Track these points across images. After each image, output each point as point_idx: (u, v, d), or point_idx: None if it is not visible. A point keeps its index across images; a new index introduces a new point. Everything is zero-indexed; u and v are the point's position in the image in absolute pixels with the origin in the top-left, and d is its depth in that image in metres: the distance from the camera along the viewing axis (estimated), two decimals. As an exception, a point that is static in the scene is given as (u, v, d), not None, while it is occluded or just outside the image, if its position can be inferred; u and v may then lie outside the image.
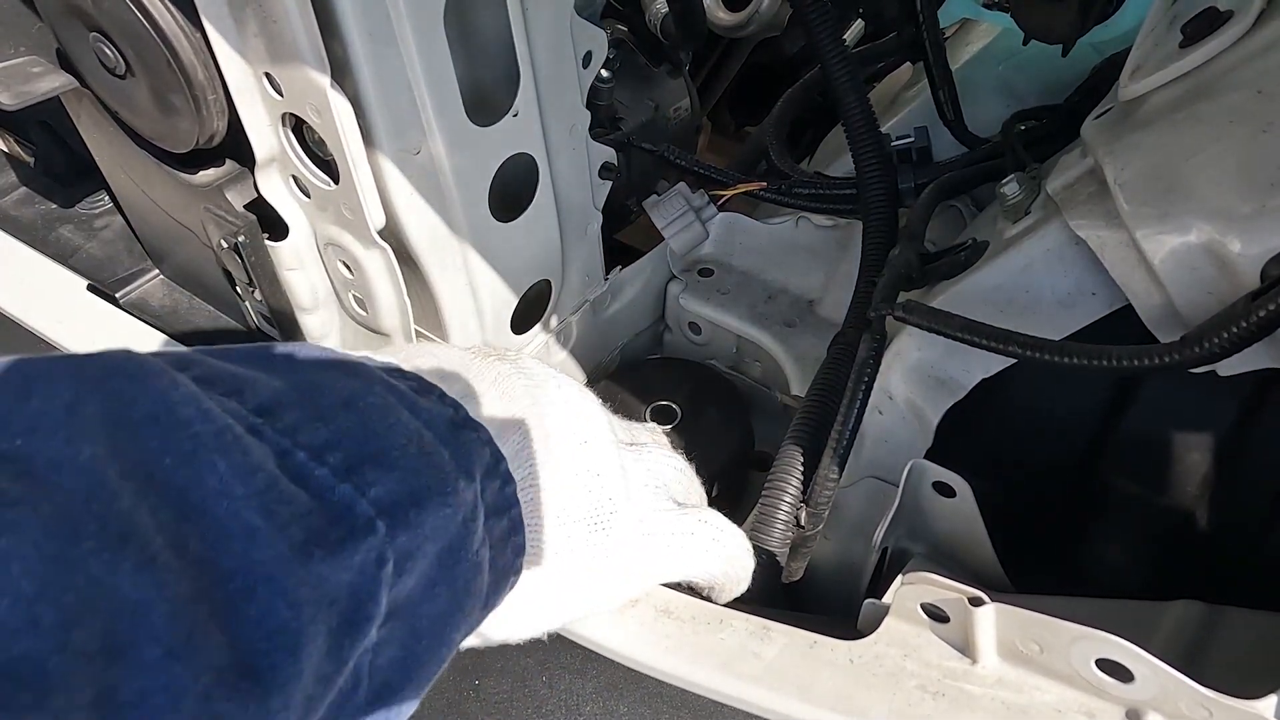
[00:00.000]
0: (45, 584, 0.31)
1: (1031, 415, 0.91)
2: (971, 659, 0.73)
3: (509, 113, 0.91)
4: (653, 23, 1.28)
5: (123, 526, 0.35)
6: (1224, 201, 0.64)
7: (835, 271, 1.21)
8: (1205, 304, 0.67)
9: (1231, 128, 0.66)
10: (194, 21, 0.77)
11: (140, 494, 0.36)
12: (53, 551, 0.32)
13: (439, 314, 1.01)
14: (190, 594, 0.35)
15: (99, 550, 0.33)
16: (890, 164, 1.02)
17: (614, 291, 1.25)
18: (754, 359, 1.25)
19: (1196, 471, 0.84)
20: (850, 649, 0.75)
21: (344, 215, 0.87)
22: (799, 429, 0.88)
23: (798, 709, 0.73)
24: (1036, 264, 0.78)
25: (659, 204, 1.25)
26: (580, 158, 1.06)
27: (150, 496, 0.37)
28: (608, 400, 0.72)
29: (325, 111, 0.76)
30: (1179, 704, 0.64)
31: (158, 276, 1.17)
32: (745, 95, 1.88)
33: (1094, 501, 0.90)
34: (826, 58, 0.97)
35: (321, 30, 0.73)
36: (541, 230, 1.06)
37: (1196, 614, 0.77)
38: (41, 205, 1.29)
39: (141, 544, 0.35)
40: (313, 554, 0.40)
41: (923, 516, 0.90)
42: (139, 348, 0.42)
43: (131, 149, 0.97)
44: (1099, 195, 0.74)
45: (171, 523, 0.37)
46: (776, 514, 0.84)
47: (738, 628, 0.79)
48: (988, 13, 1.09)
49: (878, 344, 0.84)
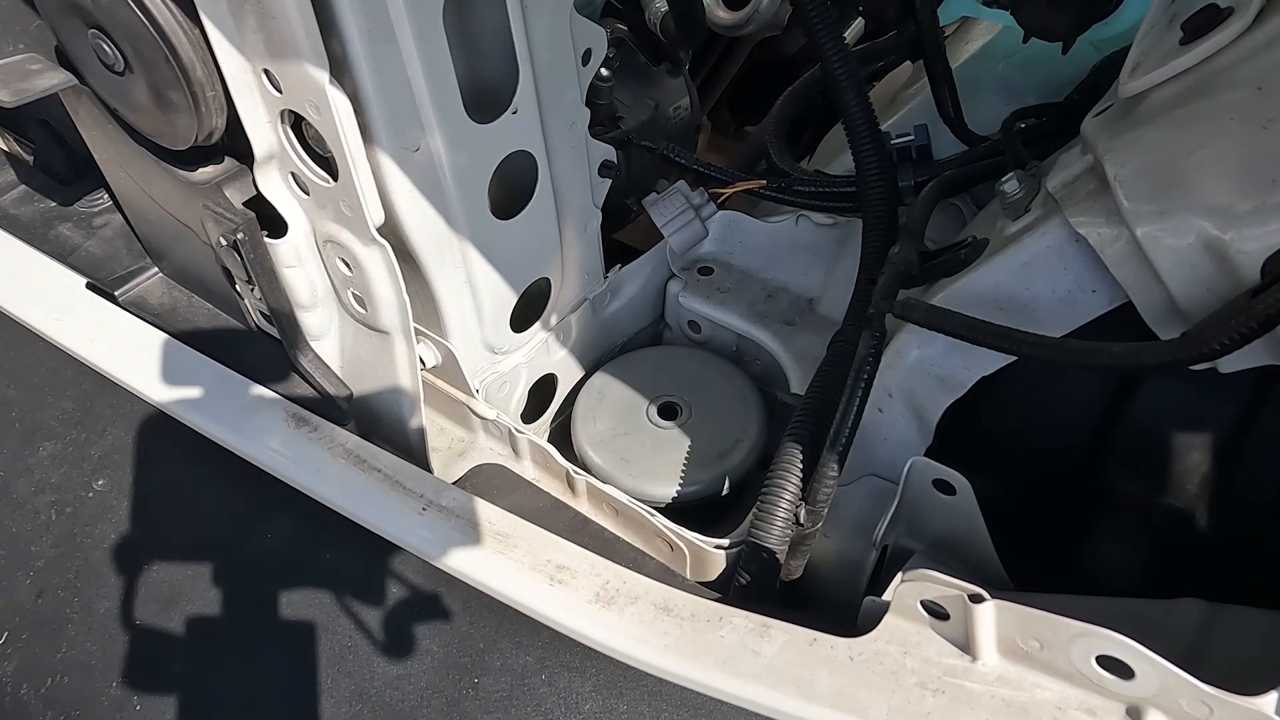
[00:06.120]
0: None
1: (1031, 413, 0.91)
2: (972, 656, 0.73)
3: (508, 110, 0.91)
4: (653, 21, 1.28)
5: None
6: (1224, 198, 0.64)
7: (835, 270, 1.21)
8: (1205, 301, 0.67)
9: (1231, 124, 0.66)
10: (193, 18, 0.77)
11: None
12: None
13: (438, 311, 1.01)
14: None
15: None
16: (890, 162, 1.02)
17: (614, 290, 1.25)
18: (754, 357, 1.25)
19: (1196, 470, 0.84)
20: (850, 646, 0.75)
21: (343, 212, 0.87)
22: (798, 427, 0.88)
23: (798, 706, 0.73)
24: (1036, 261, 0.78)
25: (659, 202, 1.25)
26: (580, 156, 1.06)
27: None
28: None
29: (324, 108, 0.76)
30: (1180, 701, 0.64)
31: (157, 274, 1.17)
32: (745, 94, 1.88)
33: (1094, 499, 0.90)
34: (826, 56, 0.97)
35: (320, 27, 0.73)
36: (541, 228, 1.06)
37: (1197, 612, 0.77)
38: (41, 203, 1.29)
39: None
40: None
41: (923, 514, 0.90)
42: (138, 345, 0.42)
43: (130, 146, 0.97)
44: (1099, 192, 0.73)
45: None
46: (776, 512, 0.84)
47: (737, 625, 0.79)
48: (988, 10, 1.09)
49: (877, 342, 0.84)
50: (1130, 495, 0.88)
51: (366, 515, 0.90)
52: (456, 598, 0.87)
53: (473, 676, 0.83)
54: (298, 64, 0.75)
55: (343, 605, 0.89)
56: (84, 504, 1.01)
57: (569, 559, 0.86)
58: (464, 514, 0.90)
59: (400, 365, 1.00)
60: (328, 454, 0.95)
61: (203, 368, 1.03)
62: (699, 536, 0.92)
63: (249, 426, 0.98)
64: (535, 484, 1.02)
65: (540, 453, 1.04)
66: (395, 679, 0.85)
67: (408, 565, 0.89)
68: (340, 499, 0.92)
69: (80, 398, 1.07)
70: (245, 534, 0.96)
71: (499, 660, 0.83)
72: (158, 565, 0.95)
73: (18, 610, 0.96)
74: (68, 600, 0.96)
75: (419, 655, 0.86)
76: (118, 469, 1.02)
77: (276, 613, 0.90)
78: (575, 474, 1.00)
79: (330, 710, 0.84)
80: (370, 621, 0.88)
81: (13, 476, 1.04)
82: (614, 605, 0.82)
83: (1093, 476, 0.89)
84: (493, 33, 0.88)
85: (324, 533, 0.92)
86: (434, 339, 1.05)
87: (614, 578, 0.85)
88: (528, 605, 0.83)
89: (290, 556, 0.93)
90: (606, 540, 0.94)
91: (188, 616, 0.92)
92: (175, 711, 0.88)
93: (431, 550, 0.87)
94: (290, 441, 0.97)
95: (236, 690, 0.88)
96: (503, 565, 0.86)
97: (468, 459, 1.10)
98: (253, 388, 1.01)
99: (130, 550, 0.97)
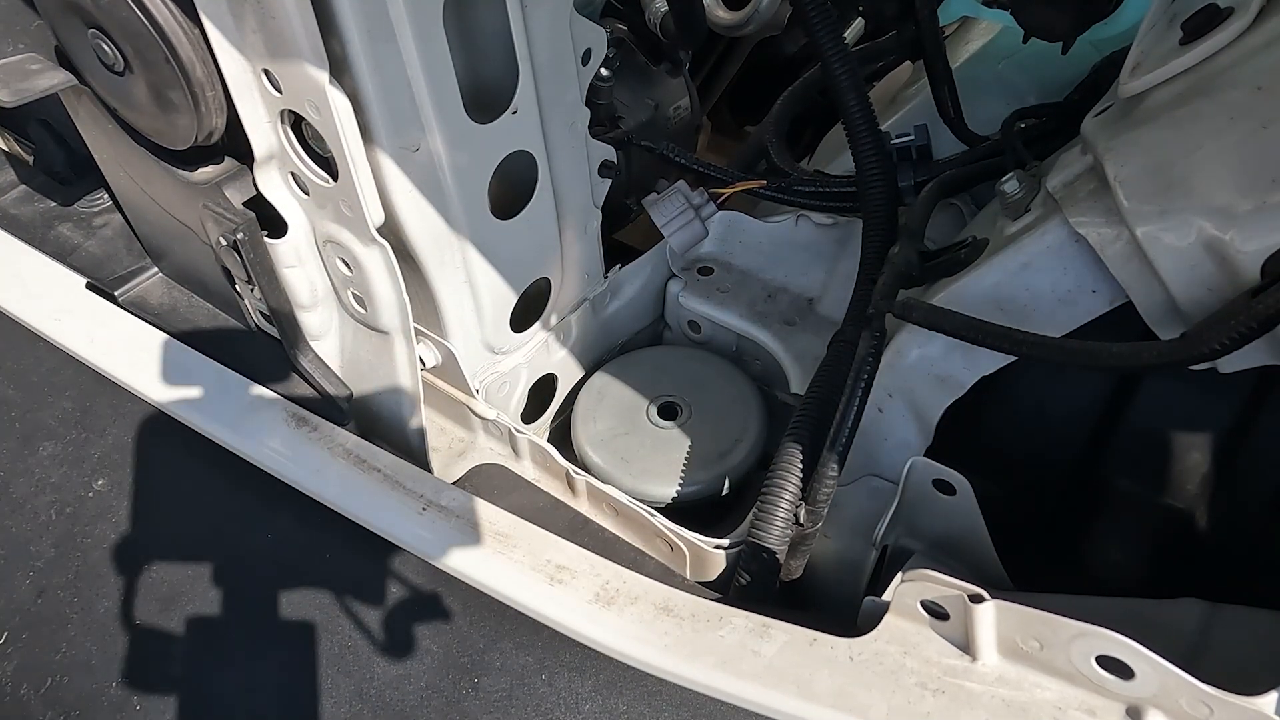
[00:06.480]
0: None
1: (1031, 413, 0.91)
2: (972, 656, 0.73)
3: (508, 110, 0.91)
4: (653, 21, 1.28)
5: None
6: (1224, 198, 0.64)
7: (835, 270, 1.21)
8: (1205, 301, 0.67)
9: (1231, 124, 0.66)
10: (193, 18, 0.77)
11: None
12: None
13: (438, 311, 1.01)
14: None
15: None
16: (890, 162, 1.02)
17: (613, 290, 1.25)
18: (754, 357, 1.25)
19: (1196, 470, 0.84)
20: (850, 646, 0.75)
21: (343, 212, 0.87)
22: (798, 427, 0.88)
23: (797, 706, 0.73)
24: (1036, 261, 0.78)
25: (659, 202, 1.25)
26: (580, 155, 1.06)
27: None
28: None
29: (324, 108, 0.76)
30: (1180, 701, 0.64)
31: (157, 274, 1.17)
32: (745, 94, 1.88)
33: (1094, 500, 0.90)
34: (826, 56, 0.97)
35: (320, 27, 0.73)
36: (541, 228, 1.06)
37: (1197, 612, 0.77)
38: (40, 203, 1.29)
39: None
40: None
41: (923, 514, 0.90)
42: (138, 345, 0.42)
43: (130, 146, 0.97)
44: (1099, 192, 0.73)
45: None
46: (776, 512, 0.84)
47: (737, 625, 0.79)
48: (987, 10, 1.09)
49: (877, 342, 0.84)
50: (1130, 495, 0.88)
51: (366, 515, 0.90)
52: (456, 598, 0.87)
53: (473, 676, 0.83)
54: (298, 64, 0.75)
55: (343, 605, 0.89)
56: (84, 504, 1.01)
57: (569, 559, 0.86)
58: (464, 514, 0.90)
59: (400, 365, 1.00)
60: (328, 454, 0.95)
61: (203, 368, 1.03)
62: (699, 536, 0.92)
63: (249, 426, 0.98)
64: (535, 484, 1.02)
65: (540, 453, 1.04)
66: (395, 679, 0.85)
67: (408, 565, 0.89)
68: (340, 499, 0.92)
69: (80, 398, 1.07)
70: (245, 534, 0.96)
71: (499, 660, 0.83)
72: (158, 565, 0.95)
73: (18, 610, 0.97)
74: (68, 600, 0.96)
75: (419, 655, 0.86)
76: (118, 469, 1.02)
77: (276, 613, 0.90)
78: (575, 474, 1.00)
79: (330, 710, 0.84)
80: (370, 621, 0.88)
81: (13, 476, 1.05)
82: (614, 605, 0.82)
83: (1093, 476, 0.89)
84: (493, 33, 0.88)
85: (324, 533, 0.92)
86: (434, 339, 1.05)
87: (614, 578, 0.85)
88: (528, 605, 0.83)
89: (290, 556, 0.93)
90: (606, 540, 0.94)
91: (188, 616, 0.92)
92: (175, 711, 0.88)
93: (431, 550, 0.87)
94: (290, 441, 0.97)
95: (236, 690, 0.88)
96: (503, 565, 0.86)
97: (468, 459, 1.10)
98: (253, 388, 1.01)
99: (130, 550, 0.97)
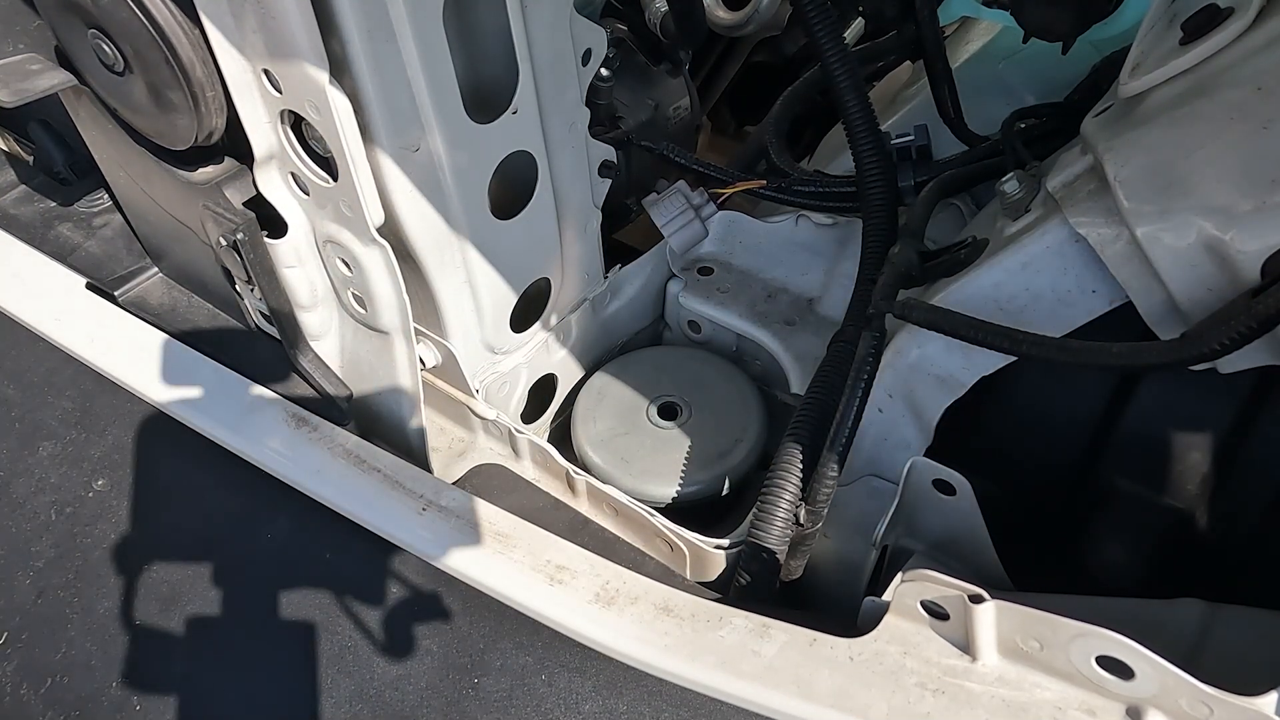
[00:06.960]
0: None
1: (1032, 413, 0.91)
2: (972, 656, 0.73)
3: (508, 110, 0.91)
4: (652, 21, 1.28)
5: None
6: (1224, 198, 0.64)
7: (835, 270, 1.21)
8: (1205, 301, 0.67)
9: (1231, 125, 0.66)
10: (193, 18, 0.77)
11: None
12: None
13: (438, 311, 1.01)
14: None
15: None
16: (890, 162, 1.02)
17: (613, 290, 1.25)
18: (754, 357, 1.25)
19: (1196, 471, 0.84)
20: (850, 646, 0.75)
21: (343, 213, 0.87)
22: (798, 427, 0.88)
23: (797, 706, 0.73)
24: (1036, 261, 0.78)
25: (659, 202, 1.25)
26: (580, 156, 1.06)
27: None
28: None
29: (324, 108, 0.76)
30: (1180, 701, 0.64)
31: (157, 274, 1.17)
32: (745, 94, 1.88)
33: (1094, 500, 0.90)
34: (826, 56, 0.97)
35: (320, 27, 0.73)
36: (541, 228, 1.06)
37: (1197, 612, 0.77)
38: (40, 203, 1.29)
39: None
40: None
41: (923, 514, 0.90)
42: (138, 345, 0.42)
43: (130, 146, 0.97)
44: (1099, 192, 0.73)
45: None
46: (776, 512, 0.84)
47: (737, 625, 0.79)
48: (988, 11, 1.09)
49: (877, 342, 0.84)
50: (1130, 495, 0.88)
51: (366, 515, 0.90)
52: (456, 598, 0.87)
53: (473, 676, 0.83)
54: (298, 64, 0.75)
55: (343, 605, 0.89)
56: (84, 504, 1.01)
57: (569, 559, 0.86)
58: (464, 514, 0.90)
59: (400, 365, 1.00)
60: (328, 454, 0.95)
61: (203, 368, 1.03)
62: (699, 536, 0.92)
63: (249, 426, 0.98)
64: (535, 484, 1.02)
65: (540, 453, 1.04)
66: (395, 679, 0.85)
67: (408, 565, 0.89)
68: (340, 499, 0.92)
69: (80, 398, 1.07)
70: (245, 534, 0.96)
71: (499, 660, 0.83)
72: (158, 565, 0.95)
73: (18, 610, 0.97)
74: (68, 600, 0.96)
75: (419, 655, 0.86)
76: (118, 469, 1.02)
77: (276, 613, 0.90)
78: (575, 474, 1.00)
79: (330, 710, 0.84)
80: (370, 621, 0.88)
81: (13, 476, 1.05)
82: (614, 605, 0.82)
83: (1092, 476, 0.89)
84: (493, 33, 0.88)
85: (324, 533, 0.92)
86: (434, 339, 1.05)
87: (614, 578, 0.85)
88: (527, 605, 0.83)
89: (290, 556, 0.93)
90: (606, 540, 0.94)
91: (188, 616, 0.92)
92: (175, 711, 0.88)
93: (431, 550, 0.87)
94: (290, 442, 0.97)
95: (236, 690, 0.88)
96: (502, 565, 0.86)
97: (468, 459, 1.10)
98: (253, 388, 1.01)
99: (130, 550, 0.97)
